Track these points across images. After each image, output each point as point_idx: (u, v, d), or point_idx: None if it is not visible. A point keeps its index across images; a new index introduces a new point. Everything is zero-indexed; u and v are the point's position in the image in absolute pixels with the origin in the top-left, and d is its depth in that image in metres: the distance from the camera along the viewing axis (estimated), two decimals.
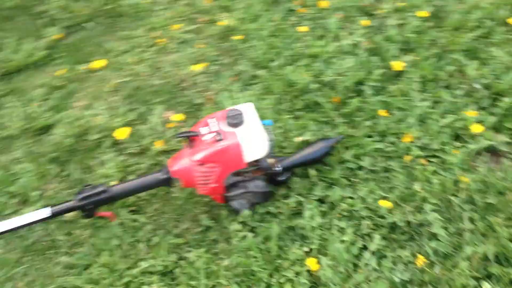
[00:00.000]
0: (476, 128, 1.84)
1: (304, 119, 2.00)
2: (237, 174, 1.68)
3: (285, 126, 1.98)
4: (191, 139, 1.67)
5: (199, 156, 1.61)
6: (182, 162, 1.65)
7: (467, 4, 2.39)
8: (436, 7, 2.41)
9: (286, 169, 1.76)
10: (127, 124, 2.11)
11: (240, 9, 2.60)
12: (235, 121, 1.62)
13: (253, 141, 1.63)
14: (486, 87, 2.00)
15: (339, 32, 2.37)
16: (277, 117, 2.02)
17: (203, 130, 1.67)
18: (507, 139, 1.84)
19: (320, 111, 2.03)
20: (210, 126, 1.66)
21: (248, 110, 1.70)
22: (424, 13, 2.37)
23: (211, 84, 2.27)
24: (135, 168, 1.94)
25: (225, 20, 2.55)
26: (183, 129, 2.04)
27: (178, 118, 2.09)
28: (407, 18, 2.39)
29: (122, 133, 2.04)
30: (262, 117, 1.72)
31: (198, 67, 2.33)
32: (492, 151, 1.83)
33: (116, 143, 2.05)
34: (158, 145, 1.99)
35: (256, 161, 1.67)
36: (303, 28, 2.41)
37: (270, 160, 1.69)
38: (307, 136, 1.92)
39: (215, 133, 1.62)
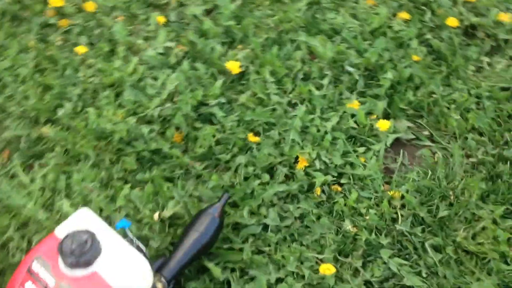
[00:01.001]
0: (382, 125, 1.50)
1: (151, 182, 1.40)
2: None
3: (129, 204, 1.36)
4: None
5: None
6: None
7: None
8: None
9: (173, 277, 1.17)
10: None
11: None
12: (89, 254, 0.97)
13: (130, 275, 1.01)
14: (351, 65, 1.67)
15: (133, 41, 1.78)
16: (109, 193, 1.39)
17: None
18: (408, 123, 1.55)
19: (167, 162, 1.46)
20: (40, 278, 0.98)
21: (89, 221, 1.06)
22: None
23: None
24: None
25: None
26: None
27: None
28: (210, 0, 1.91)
29: None
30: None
31: None
32: (401, 144, 1.53)
33: None
34: None
35: None
36: (80, 48, 1.74)
37: (158, 284, 1.09)
38: (170, 209, 1.34)
39: None
